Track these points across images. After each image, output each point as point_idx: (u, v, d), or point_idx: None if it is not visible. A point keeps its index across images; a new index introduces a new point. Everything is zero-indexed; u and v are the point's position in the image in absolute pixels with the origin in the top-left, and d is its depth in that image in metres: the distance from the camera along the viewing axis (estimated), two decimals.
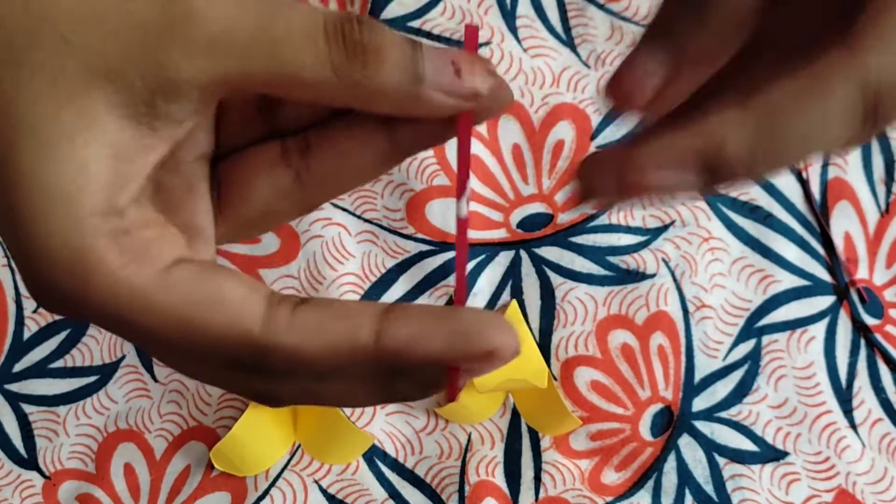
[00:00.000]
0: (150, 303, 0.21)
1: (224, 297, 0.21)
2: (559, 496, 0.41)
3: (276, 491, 0.40)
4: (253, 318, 0.21)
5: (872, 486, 0.41)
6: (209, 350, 0.21)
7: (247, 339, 0.21)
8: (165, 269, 0.21)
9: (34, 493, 0.41)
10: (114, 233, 0.21)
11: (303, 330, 0.21)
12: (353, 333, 0.21)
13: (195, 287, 0.21)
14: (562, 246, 0.43)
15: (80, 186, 0.21)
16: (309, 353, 0.21)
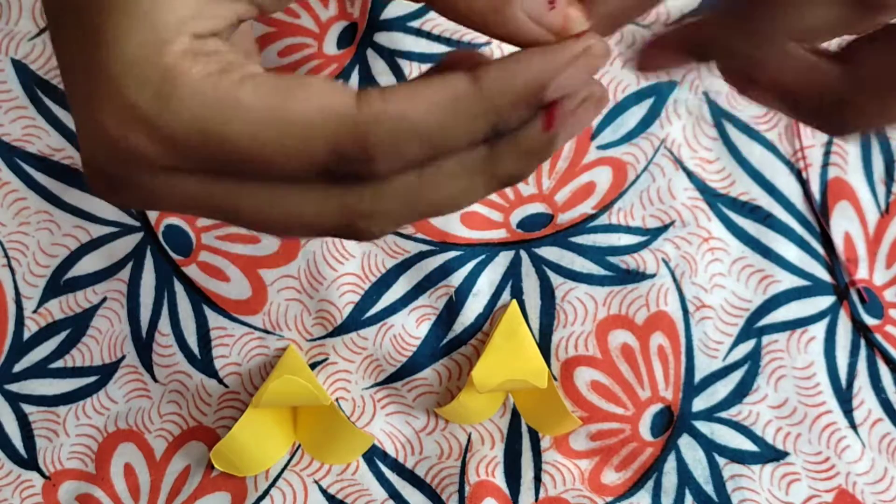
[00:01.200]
0: (238, 103, 0.21)
1: (311, 87, 0.21)
2: (559, 496, 0.41)
3: (276, 491, 0.40)
4: (346, 99, 0.21)
5: (872, 486, 0.41)
6: (310, 143, 0.21)
7: (345, 117, 0.21)
8: (249, 76, 0.21)
9: (34, 494, 0.41)
10: (198, 52, 0.22)
11: (400, 95, 0.21)
12: (451, 84, 0.22)
13: (281, 82, 0.21)
14: (562, 246, 0.43)
15: (165, 9, 0.21)
16: (413, 116, 0.21)
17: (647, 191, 0.43)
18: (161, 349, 0.41)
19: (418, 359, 0.42)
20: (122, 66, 0.21)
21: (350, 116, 0.21)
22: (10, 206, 0.42)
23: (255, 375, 0.41)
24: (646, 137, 0.43)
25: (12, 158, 0.42)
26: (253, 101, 0.21)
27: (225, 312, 0.42)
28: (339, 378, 0.42)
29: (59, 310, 0.42)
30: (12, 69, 0.43)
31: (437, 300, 0.42)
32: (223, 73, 0.21)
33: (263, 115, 0.21)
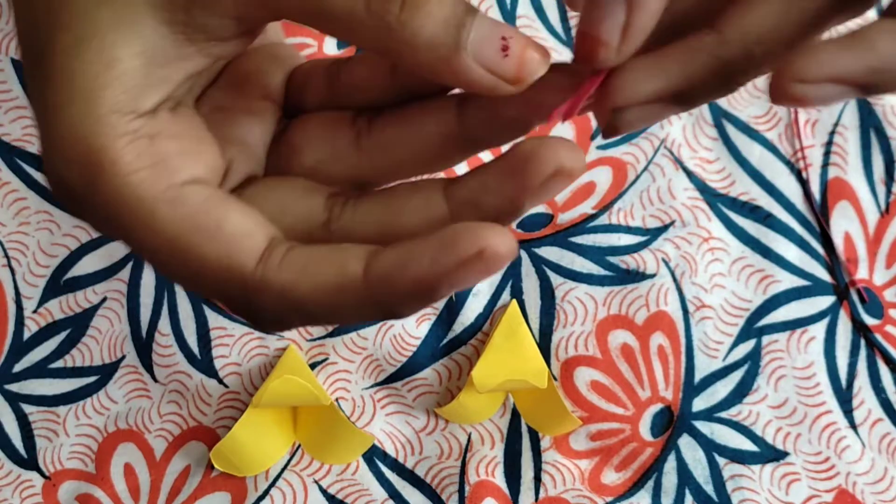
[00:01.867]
0: (152, 215, 0.21)
1: (225, 228, 0.21)
2: (559, 496, 0.41)
3: (276, 491, 0.40)
4: (249, 254, 0.21)
5: (872, 486, 0.41)
6: (201, 277, 0.21)
7: (238, 275, 0.21)
8: (178, 185, 0.21)
9: (34, 494, 0.41)
10: (134, 135, 0.21)
11: (291, 269, 0.20)
12: (341, 267, 0.20)
13: (200, 210, 0.21)
14: (562, 246, 0.43)
15: (105, 83, 0.21)
16: (295, 293, 0.20)
17: (647, 191, 0.43)
18: (161, 349, 0.41)
19: (418, 359, 0.42)
20: (54, 140, 0.21)
21: (244, 276, 0.21)
22: (10, 206, 0.42)
23: (255, 375, 0.41)
24: (646, 137, 0.43)
25: (12, 158, 0.42)
26: (166, 220, 0.21)
27: (225, 312, 0.42)
28: (339, 378, 0.42)
29: (59, 310, 0.42)
30: (12, 69, 0.43)
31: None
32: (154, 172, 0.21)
33: (169, 244, 0.21)
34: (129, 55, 0.21)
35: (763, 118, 0.44)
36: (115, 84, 0.21)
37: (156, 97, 0.22)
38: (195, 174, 0.22)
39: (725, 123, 0.44)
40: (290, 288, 0.20)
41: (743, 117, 0.44)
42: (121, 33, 0.21)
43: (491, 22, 0.20)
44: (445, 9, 0.20)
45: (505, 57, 0.20)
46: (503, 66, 0.20)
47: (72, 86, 0.21)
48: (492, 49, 0.20)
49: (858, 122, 0.44)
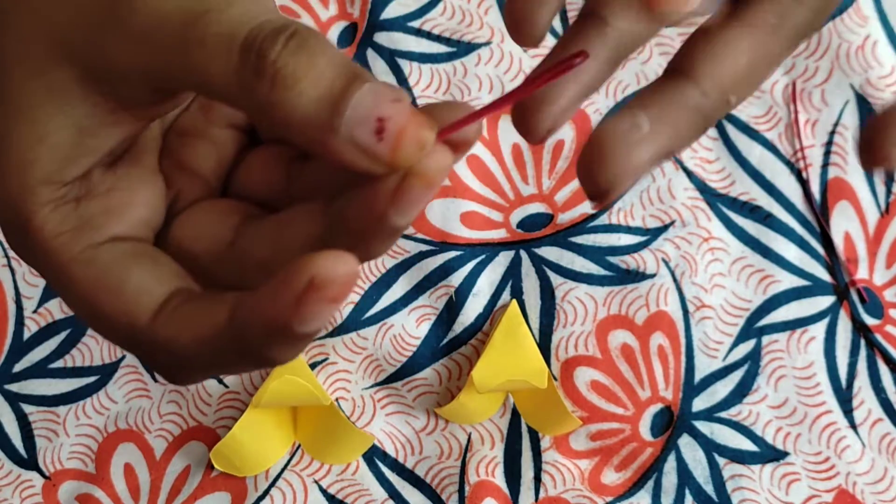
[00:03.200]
0: (68, 276, 0.22)
1: (126, 287, 0.22)
2: (559, 496, 0.41)
3: (276, 491, 0.40)
4: (144, 310, 0.22)
5: (872, 486, 0.41)
6: (109, 331, 0.23)
7: (133, 330, 0.22)
8: (95, 245, 0.22)
9: (34, 493, 0.41)
10: (60, 201, 0.22)
11: (177, 322, 0.22)
12: (212, 316, 0.21)
13: (108, 270, 0.22)
14: (562, 246, 0.43)
15: (35, 157, 0.22)
16: (178, 344, 0.21)
17: (647, 191, 0.43)
18: None
19: (418, 359, 0.42)
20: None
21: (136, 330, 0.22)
22: None
23: (255, 375, 0.41)
24: None
25: None
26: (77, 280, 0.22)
27: None
28: (339, 378, 0.42)
29: (60, 310, 0.42)
30: None
31: (437, 300, 0.42)
32: (76, 234, 0.22)
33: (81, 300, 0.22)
34: (59, 127, 0.22)
35: (763, 118, 0.44)
36: (45, 157, 0.22)
37: (86, 164, 0.23)
38: (116, 232, 0.23)
39: (725, 123, 0.44)
40: (173, 340, 0.21)
41: (743, 117, 0.44)
42: (51, 107, 0.22)
43: (372, 98, 0.19)
44: (320, 88, 0.19)
45: (379, 141, 0.19)
46: (377, 150, 0.19)
47: (7, 156, 0.22)
48: (366, 131, 0.19)
49: (858, 122, 0.44)
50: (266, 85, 0.19)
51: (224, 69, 0.19)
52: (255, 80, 0.19)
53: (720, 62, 0.22)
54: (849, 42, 0.43)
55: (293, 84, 0.19)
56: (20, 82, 0.22)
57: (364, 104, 0.19)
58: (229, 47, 0.19)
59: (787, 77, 0.44)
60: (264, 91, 0.19)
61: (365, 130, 0.19)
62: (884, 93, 0.43)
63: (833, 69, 0.44)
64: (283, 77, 0.19)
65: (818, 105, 0.44)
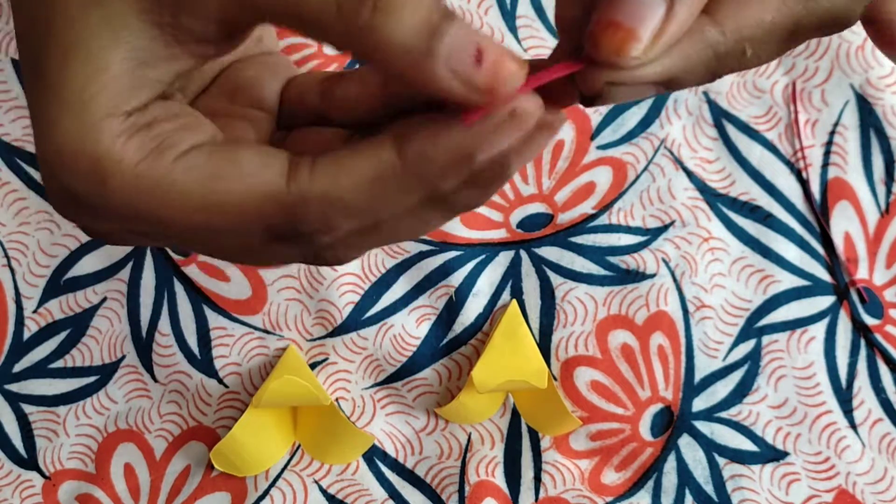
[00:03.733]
0: (173, 188, 0.21)
1: (244, 166, 0.21)
2: (559, 496, 0.41)
3: (276, 491, 0.40)
4: (275, 178, 0.21)
5: (872, 486, 0.41)
6: (238, 223, 0.21)
7: (273, 199, 0.21)
8: (184, 153, 0.21)
9: (34, 494, 0.41)
10: (133, 129, 0.21)
11: (325, 175, 0.21)
12: (376, 159, 0.20)
13: (211, 162, 0.21)
14: (562, 246, 0.43)
15: (94, 92, 0.21)
16: (337, 194, 0.20)
17: (647, 191, 0.43)
18: (161, 349, 0.41)
19: (418, 359, 0.42)
20: (54, 154, 0.21)
21: (277, 198, 0.21)
22: (10, 206, 0.42)
23: (255, 375, 0.41)
24: (646, 137, 0.43)
25: (12, 158, 0.42)
26: (185, 183, 0.21)
27: (225, 312, 0.42)
28: (339, 378, 0.42)
29: (59, 310, 0.42)
30: (12, 69, 0.43)
31: (437, 300, 0.42)
32: (159, 152, 0.21)
33: (196, 201, 0.21)
34: (118, 60, 0.21)
35: (763, 118, 0.44)
36: (105, 91, 0.21)
37: (145, 96, 0.22)
38: (196, 141, 0.22)
39: (725, 123, 0.44)
40: (331, 191, 0.20)
41: (743, 117, 0.44)
42: (108, 38, 0.21)
43: (467, 30, 0.20)
44: (418, 14, 0.19)
45: (478, 66, 0.19)
46: (475, 76, 0.20)
47: (62, 98, 0.21)
48: (465, 57, 0.19)
49: (858, 122, 0.44)
50: (367, 9, 0.19)
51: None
52: (358, 3, 0.19)
53: (745, 10, 0.22)
54: (849, 42, 0.43)
55: (394, 10, 0.19)
56: (76, 13, 0.21)
57: (462, 32, 0.19)
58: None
59: (787, 77, 0.44)
60: (365, 15, 0.19)
61: (464, 57, 0.19)
62: (884, 93, 0.43)
63: (833, 69, 0.44)
64: (385, 2, 0.19)
65: (818, 105, 0.44)
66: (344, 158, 0.21)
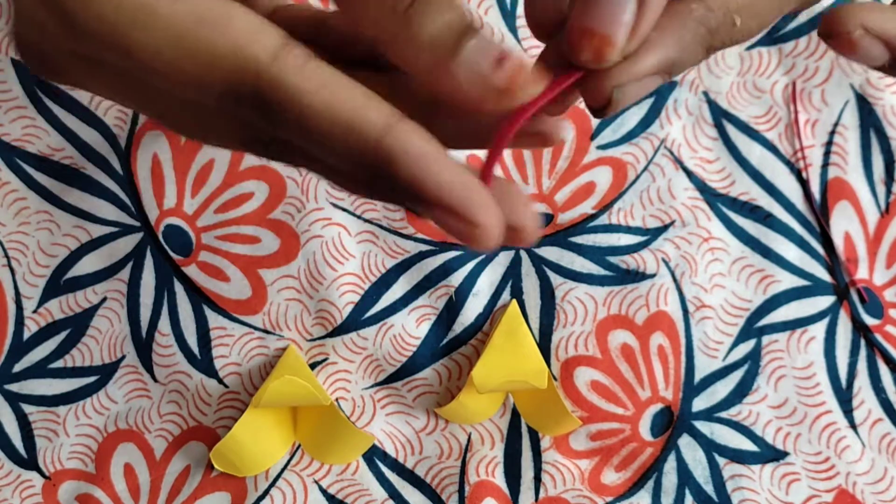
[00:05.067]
0: (153, 12, 0.20)
1: (235, 19, 0.20)
2: (559, 496, 0.41)
3: (276, 491, 0.40)
4: (262, 48, 0.20)
5: (872, 486, 0.41)
6: (208, 74, 0.20)
7: (251, 67, 0.20)
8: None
9: (34, 493, 0.41)
10: None
11: (314, 78, 0.20)
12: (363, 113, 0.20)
13: (205, 5, 0.20)
14: (562, 246, 0.43)
15: None
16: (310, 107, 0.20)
17: (647, 191, 0.43)
18: (161, 349, 0.41)
19: (418, 359, 0.42)
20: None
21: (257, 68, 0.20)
22: (10, 206, 0.42)
23: (255, 375, 0.41)
24: (646, 137, 0.43)
25: (12, 158, 0.42)
26: (170, 16, 0.20)
27: (225, 312, 0.42)
28: (339, 378, 0.42)
29: (59, 310, 0.42)
30: (12, 69, 0.43)
31: (437, 300, 0.42)
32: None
33: (174, 39, 0.20)
34: None
35: (763, 118, 0.44)
36: None
37: None
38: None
39: (725, 123, 0.44)
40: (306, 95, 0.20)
41: (743, 117, 0.44)
42: None
43: (492, 40, 0.21)
44: (450, 16, 0.20)
45: (498, 69, 0.20)
46: (494, 77, 0.20)
47: None
48: (487, 59, 0.20)
49: (858, 122, 0.44)
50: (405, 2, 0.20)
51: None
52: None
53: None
54: None
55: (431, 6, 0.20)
56: None
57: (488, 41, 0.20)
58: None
59: (787, 77, 0.44)
60: (403, 6, 0.20)
61: (486, 59, 0.20)
62: (884, 93, 0.43)
63: (833, 69, 0.44)
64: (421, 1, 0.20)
65: (818, 105, 0.44)
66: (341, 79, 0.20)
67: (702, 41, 0.23)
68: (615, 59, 0.21)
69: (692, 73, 0.44)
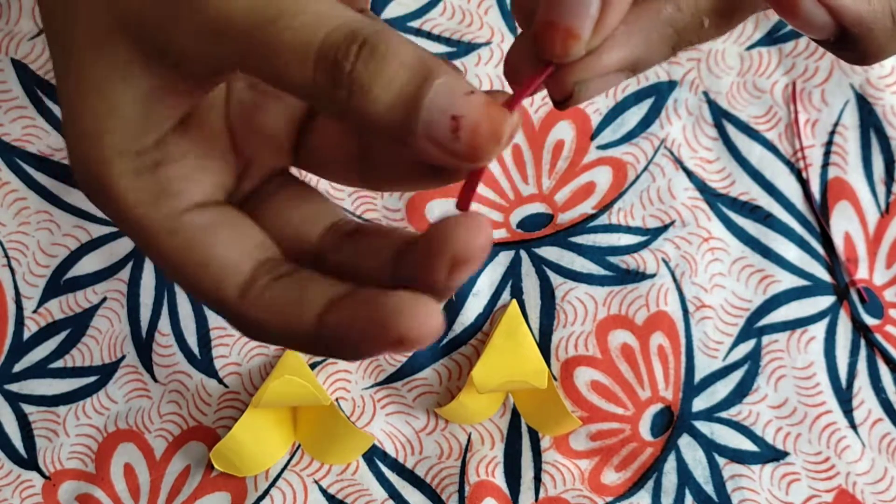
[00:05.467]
0: (155, 242, 0.23)
1: (212, 262, 0.23)
2: (559, 496, 0.41)
3: (276, 491, 0.40)
4: (231, 288, 0.23)
5: (872, 486, 0.41)
6: (199, 297, 0.24)
7: (224, 303, 0.23)
8: (178, 214, 0.23)
9: (34, 494, 0.41)
10: (138, 170, 0.23)
11: (264, 307, 0.23)
12: (299, 317, 0.22)
13: (193, 240, 0.23)
14: (562, 246, 0.43)
15: (107, 129, 0.22)
16: (267, 328, 0.23)
17: (647, 191, 0.43)
18: (161, 349, 0.41)
19: (418, 359, 0.42)
20: (74, 162, 0.23)
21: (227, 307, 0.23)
22: (10, 206, 0.42)
23: (255, 375, 0.41)
24: (646, 137, 0.43)
25: (12, 158, 0.42)
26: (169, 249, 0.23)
27: None
28: (339, 378, 0.42)
29: (59, 310, 0.42)
30: (12, 69, 0.43)
31: None
32: (155, 200, 0.23)
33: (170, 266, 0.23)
34: (127, 100, 0.22)
35: (763, 118, 0.44)
36: (117, 129, 0.22)
37: (156, 133, 0.23)
38: (196, 198, 0.24)
39: (725, 123, 0.44)
40: (263, 323, 0.23)
41: (743, 117, 0.44)
42: (117, 81, 0.22)
43: (444, 96, 0.20)
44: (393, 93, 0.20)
45: (456, 138, 0.20)
46: (454, 147, 0.20)
47: (80, 126, 0.23)
48: (442, 130, 0.19)
49: (858, 122, 0.44)
50: (343, 93, 0.20)
51: (300, 77, 0.20)
52: (333, 89, 0.20)
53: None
54: None
55: (367, 91, 0.20)
56: (89, 57, 0.22)
57: (437, 104, 0.19)
58: (304, 58, 0.20)
59: (787, 77, 0.44)
60: (342, 98, 0.20)
61: (441, 129, 0.19)
62: (884, 93, 0.43)
63: (833, 69, 0.44)
64: (358, 86, 0.20)
65: (818, 105, 0.44)
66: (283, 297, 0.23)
67: (668, 41, 0.23)
68: (579, 53, 0.21)
69: (692, 73, 0.44)
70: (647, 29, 0.22)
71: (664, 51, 0.23)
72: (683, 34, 0.23)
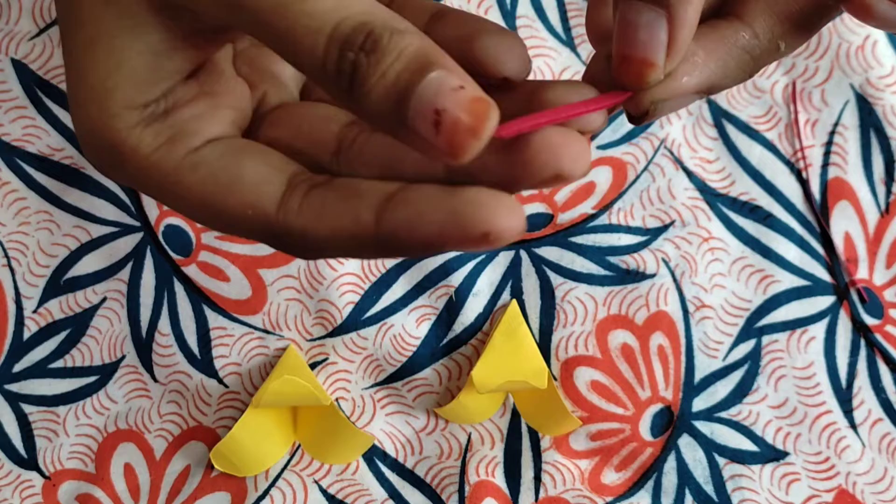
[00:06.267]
0: (179, 183, 0.23)
1: (243, 180, 0.22)
2: (559, 496, 0.41)
3: (276, 491, 0.40)
4: (269, 201, 0.22)
5: (872, 486, 0.41)
6: (234, 227, 0.23)
7: (262, 221, 0.22)
8: (196, 149, 0.23)
9: (34, 494, 0.41)
10: (150, 119, 0.23)
11: (310, 213, 0.22)
12: (355, 216, 0.21)
13: (219, 168, 0.23)
14: (562, 246, 0.43)
15: (115, 84, 0.23)
16: (315, 235, 0.22)
17: (647, 191, 0.43)
18: (161, 349, 0.41)
19: (418, 359, 0.42)
20: (82, 130, 0.23)
21: (268, 221, 0.22)
22: (10, 206, 0.42)
23: (255, 375, 0.41)
24: (646, 137, 0.43)
25: (12, 158, 0.42)
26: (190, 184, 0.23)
27: (225, 312, 0.42)
28: (339, 378, 0.42)
29: (59, 310, 0.42)
30: (12, 69, 0.43)
31: (437, 300, 0.42)
32: (172, 142, 0.23)
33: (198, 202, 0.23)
34: (135, 53, 0.22)
35: (763, 118, 0.44)
36: (125, 83, 0.23)
37: (165, 85, 0.23)
38: (211, 133, 0.23)
39: (725, 123, 0.44)
40: (310, 230, 0.22)
41: (743, 117, 0.44)
42: (126, 34, 0.22)
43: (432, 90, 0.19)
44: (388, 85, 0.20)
45: (437, 133, 0.19)
46: (435, 141, 0.20)
47: (87, 84, 0.23)
48: (426, 123, 0.19)
49: (858, 122, 0.44)
50: (345, 80, 0.20)
51: (310, 58, 0.20)
52: (336, 75, 0.20)
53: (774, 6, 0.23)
54: (849, 42, 0.43)
55: (364, 83, 0.20)
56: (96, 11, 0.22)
57: (424, 97, 0.20)
58: (314, 44, 0.20)
59: (787, 77, 0.44)
60: (344, 85, 0.20)
61: (425, 123, 0.20)
62: (884, 93, 0.43)
63: (833, 69, 0.44)
64: (358, 76, 0.20)
65: (818, 105, 0.44)
66: (330, 202, 0.22)
67: (745, 66, 0.24)
68: (658, 80, 0.22)
69: None
70: (724, 56, 0.23)
71: (740, 76, 0.24)
72: (759, 60, 0.24)
